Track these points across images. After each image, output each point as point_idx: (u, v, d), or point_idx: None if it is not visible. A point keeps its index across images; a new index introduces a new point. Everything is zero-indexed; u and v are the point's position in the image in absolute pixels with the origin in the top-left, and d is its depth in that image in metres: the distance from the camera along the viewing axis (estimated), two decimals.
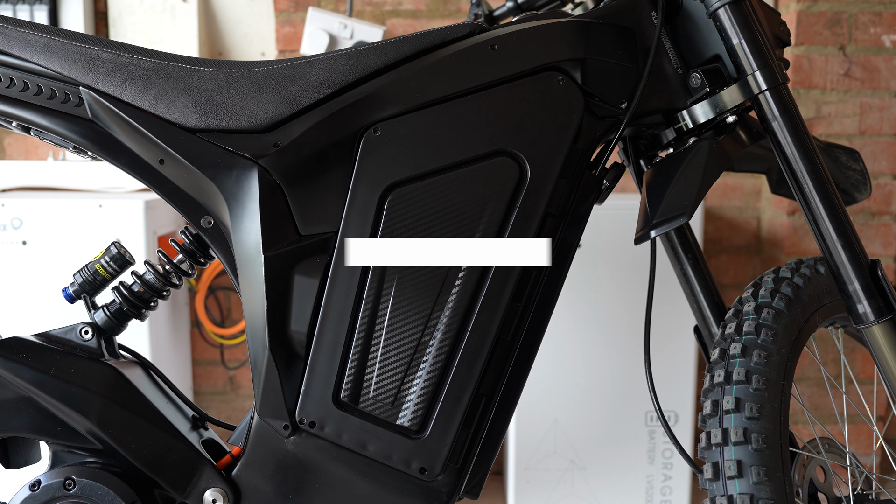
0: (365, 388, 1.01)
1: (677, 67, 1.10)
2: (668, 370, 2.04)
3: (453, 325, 1.02)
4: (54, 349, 1.07)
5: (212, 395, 2.41)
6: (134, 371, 1.11)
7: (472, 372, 1.02)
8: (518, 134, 1.02)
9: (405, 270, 1.01)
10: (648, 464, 2.10)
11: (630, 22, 1.08)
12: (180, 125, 1.03)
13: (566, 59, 1.04)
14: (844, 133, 2.23)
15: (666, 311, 1.95)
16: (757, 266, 2.37)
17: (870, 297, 1.06)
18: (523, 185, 1.03)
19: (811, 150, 1.07)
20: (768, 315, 1.10)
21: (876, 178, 2.25)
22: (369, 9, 2.28)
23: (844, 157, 1.31)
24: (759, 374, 1.05)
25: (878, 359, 1.08)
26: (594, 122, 1.06)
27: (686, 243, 1.27)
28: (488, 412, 1.06)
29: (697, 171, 1.07)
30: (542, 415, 2.07)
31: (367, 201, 1.01)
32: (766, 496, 1.00)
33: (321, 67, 1.03)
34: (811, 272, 1.18)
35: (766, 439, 1.02)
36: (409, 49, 1.05)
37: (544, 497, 2.10)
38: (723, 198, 2.35)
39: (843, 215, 1.07)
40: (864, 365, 2.24)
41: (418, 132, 1.01)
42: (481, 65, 1.02)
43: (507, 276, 1.03)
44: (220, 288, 2.33)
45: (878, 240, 2.27)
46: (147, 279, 1.12)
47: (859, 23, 2.18)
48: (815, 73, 2.20)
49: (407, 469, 1.02)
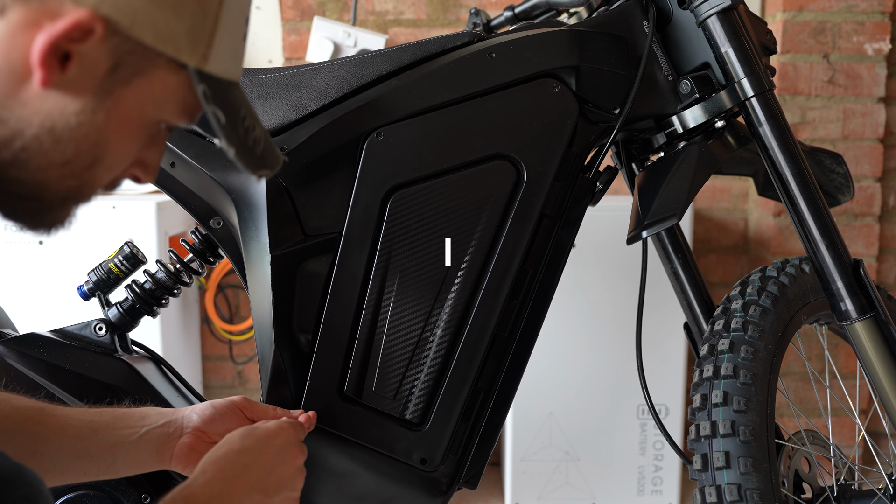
0: (368, 382, 1.01)
1: (668, 74, 1.10)
2: (658, 365, 2.04)
3: (453, 322, 1.02)
4: (69, 344, 1.07)
5: (221, 388, 2.41)
6: (146, 365, 1.11)
7: (470, 367, 1.02)
8: (515, 138, 1.02)
9: (406, 269, 1.01)
10: (640, 455, 2.10)
11: (622, 31, 1.08)
12: (191, 130, 1.03)
13: (561, 66, 1.04)
14: (828, 137, 2.23)
15: (657, 308, 1.94)
16: (744, 265, 2.37)
17: (852, 295, 1.06)
18: (520, 188, 1.03)
19: (796, 154, 1.07)
20: (755, 312, 1.10)
21: (859, 181, 2.25)
22: (372, 18, 2.28)
23: (828, 160, 1.31)
24: (747, 368, 1.05)
25: (861, 354, 1.08)
26: (588, 127, 1.06)
27: (676, 243, 1.26)
28: (486, 405, 1.06)
29: (687, 174, 1.07)
30: (537, 408, 2.07)
31: (370, 203, 1.01)
32: (753, 486, 1.00)
33: (326, 74, 1.03)
34: (796, 271, 1.18)
35: (753, 431, 1.02)
36: (410, 57, 1.04)
37: (540, 487, 2.10)
38: (711, 200, 2.35)
39: (827, 216, 1.07)
40: (847, 360, 2.24)
41: (419, 136, 1.01)
42: (480, 72, 1.02)
43: (505, 275, 1.03)
44: (229, 286, 2.33)
45: (861, 240, 2.27)
46: (159, 278, 1.12)
47: (843, 32, 2.18)
48: (800, 80, 2.20)
49: (408, 460, 1.02)
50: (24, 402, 0.87)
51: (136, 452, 0.89)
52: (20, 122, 0.61)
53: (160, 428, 0.90)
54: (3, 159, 0.61)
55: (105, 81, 0.62)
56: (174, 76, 0.65)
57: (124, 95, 0.63)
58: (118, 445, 0.88)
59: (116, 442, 0.88)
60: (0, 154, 0.61)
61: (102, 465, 0.88)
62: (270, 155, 0.73)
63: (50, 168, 0.63)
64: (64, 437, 0.86)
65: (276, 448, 0.84)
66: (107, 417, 0.90)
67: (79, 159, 0.64)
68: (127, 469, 0.89)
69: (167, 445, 0.90)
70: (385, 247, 1.01)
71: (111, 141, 0.65)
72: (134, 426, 0.89)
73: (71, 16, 0.58)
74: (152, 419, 0.91)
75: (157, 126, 0.69)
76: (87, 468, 0.87)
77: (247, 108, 0.71)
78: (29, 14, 0.58)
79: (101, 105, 0.63)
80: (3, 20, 0.58)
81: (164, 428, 0.90)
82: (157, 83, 0.65)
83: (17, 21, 0.58)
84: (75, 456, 0.86)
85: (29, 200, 0.65)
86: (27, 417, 0.85)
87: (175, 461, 0.90)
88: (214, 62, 0.66)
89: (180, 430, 0.90)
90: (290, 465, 0.85)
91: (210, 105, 0.65)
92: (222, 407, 0.92)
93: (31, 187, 0.64)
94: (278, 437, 0.85)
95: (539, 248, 1.05)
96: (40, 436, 0.85)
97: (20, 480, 0.60)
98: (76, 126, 0.62)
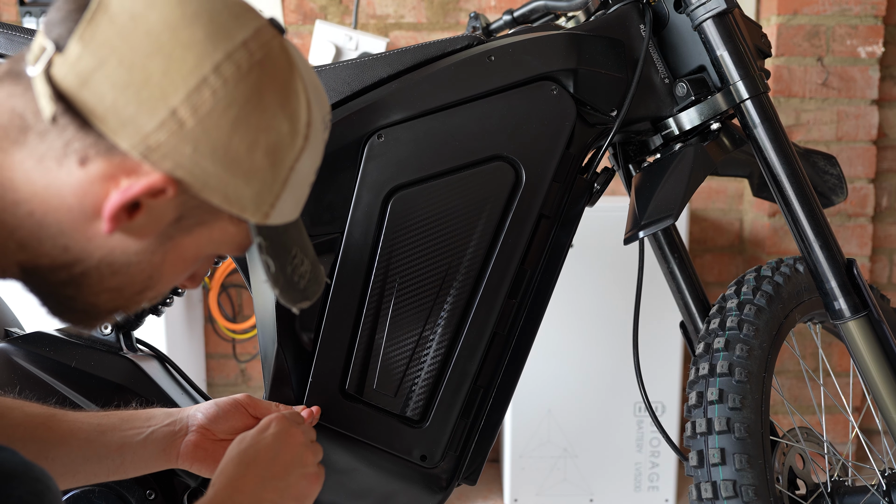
0: (369, 380, 1.01)
1: (664, 77, 1.10)
2: (655, 363, 2.03)
3: (453, 321, 1.02)
4: (76, 343, 1.07)
5: (224, 386, 2.41)
6: (150, 364, 1.11)
7: (470, 365, 1.02)
8: (514, 140, 1.02)
9: (407, 269, 1.01)
10: (637, 452, 2.10)
11: (620, 34, 1.08)
12: None
13: (559, 69, 1.04)
14: (822, 139, 2.23)
15: (653, 307, 1.94)
16: (740, 265, 2.37)
17: (846, 294, 1.06)
18: (519, 189, 1.03)
19: (791, 155, 1.07)
20: (750, 311, 1.10)
21: (852, 182, 2.25)
22: (373, 21, 2.28)
23: (822, 162, 1.31)
24: (742, 367, 1.05)
25: (854, 353, 1.08)
26: (586, 129, 1.06)
27: (672, 243, 1.26)
28: (486, 403, 1.06)
29: (683, 175, 1.07)
30: (536, 406, 2.07)
31: (371, 203, 1.01)
32: (748, 482, 1.00)
33: (328, 77, 1.03)
34: (791, 271, 1.18)
35: (748, 429, 1.02)
36: (410, 60, 1.04)
37: (538, 483, 2.10)
38: (707, 200, 2.35)
39: (820, 217, 1.07)
40: (841, 358, 2.24)
41: (419, 138, 1.01)
42: (479, 75, 1.02)
43: (504, 274, 1.03)
44: (232, 286, 2.33)
45: (854, 240, 2.27)
46: None
47: (836, 35, 2.18)
48: (794, 82, 2.20)
49: (408, 456, 1.02)
50: (36, 409, 0.88)
51: (143, 451, 0.89)
52: (83, 253, 0.64)
53: (166, 427, 0.91)
54: (61, 278, 0.66)
55: (168, 229, 0.65)
56: (234, 227, 0.68)
57: (184, 240, 0.67)
58: (126, 446, 0.88)
59: (124, 442, 0.88)
60: (59, 274, 0.65)
61: (112, 466, 0.88)
62: (313, 285, 0.76)
63: (102, 293, 0.67)
64: (74, 441, 0.87)
65: (271, 437, 0.85)
66: (114, 419, 0.90)
67: (131, 287, 0.68)
68: (136, 469, 0.90)
69: (173, 444, 0.90)
70: (386, 247, 1.01)
71: (165, 274, 0.68)
72: (140, 426, 0.90)
73: (147, 178, 0.61)
74: (158, 419, 0.91)
75: (211, 258, 0.73)
76: (97, 470, 0.88)
77: (299, 243, 0.74)
78: (109, 169, 0.62)
79: (161, 247, 0.66)
80: (84, 169, 0.62)
81: (170, 427, 0.91)
82: (217, 231, 0.68)
83: (97, 173, 0.62)
84: (85, 458, 0.87)
85: (78, 312, 0.70)
86: (38, 424, 0.86)
87: (182, 459, 0.90)
88: (276, 217, 0.68)
89: (186, 428, 0.91)
90: (291, 447, 0.85)
91: (263, 255, 0.68)
92: (226, 405, 0.93)
93: (82, 304, 0.68)
94: (269, 428, 0.86)
95: (537, 248, 1.05)
96: (51, 441, 0.86)
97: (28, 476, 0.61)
98: (135, 263, 0.66)
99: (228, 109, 0.62)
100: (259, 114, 0.64)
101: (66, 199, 0.62)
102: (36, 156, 0.62)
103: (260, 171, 0.65)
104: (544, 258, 1.06)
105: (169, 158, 0.62)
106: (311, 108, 0.68)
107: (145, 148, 0.61)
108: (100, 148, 0.61)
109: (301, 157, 0.68)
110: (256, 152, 0.64)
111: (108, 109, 0.61)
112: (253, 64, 0.63)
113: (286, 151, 0.66)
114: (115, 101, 0.60)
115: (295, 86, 0.66)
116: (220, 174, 0.63)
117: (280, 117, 0.65)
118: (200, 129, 0.62)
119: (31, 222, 0.63)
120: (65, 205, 0.62)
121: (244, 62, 0.63)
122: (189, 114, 0.61)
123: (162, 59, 0.61)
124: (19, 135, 0.62)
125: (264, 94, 0.64)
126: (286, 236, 0.71)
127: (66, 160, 0.62)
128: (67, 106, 0.61)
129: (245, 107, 0.63)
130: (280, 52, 0.66)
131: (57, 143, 0.61)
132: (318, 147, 0.70)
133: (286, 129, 0.65)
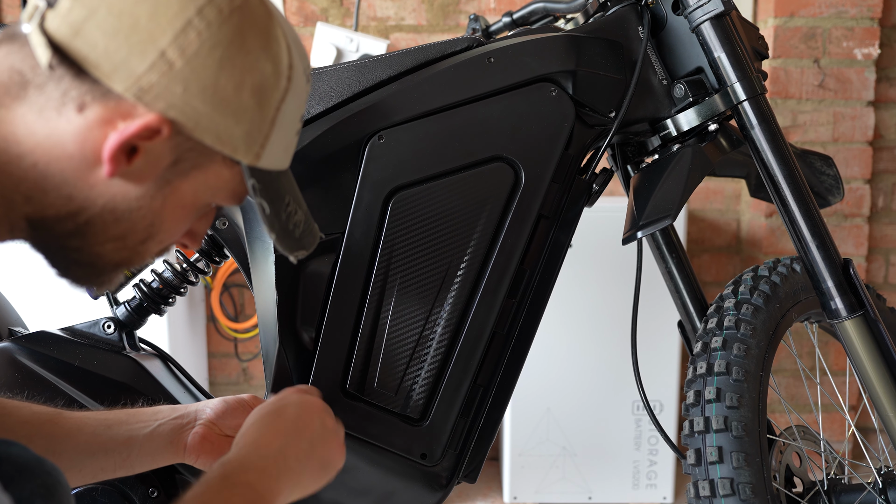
0: (370, 379, 1.01)
1: (662, 79, 1.10)
2: (653, 362, 2.03)
3: (452, 320, 1.02)
4: (79, 342, 1.07)
5: (226, 385, 2.41)
6: (153, 363, 1.11)
7: (470, 364, 1.02)
8: (513, 141, 1.02)
9: (407, 269, 1.01)
10: (635, 450, 2.10)
11: (618, 36, 1.08)
12: None
13: (558, 71, 1.04)
14: (819, 140, 2.23)
15: (651, 307, 1.94)
16: (737, 265, 2.37)
17: (842, 294, 1.06)
18: (518, 189, 1.03)
19: (788, 156, 1.07)
20: (747, 311, 1.10)
21: (848, 183, 2.25)
22: (374, 23, 2.28)
23: (819, 162, 1.31)
24: (739, 365, 1.05)
25: (850, 351, 1.08)
26: (584, 130, 1.06)
27: (670, 243, 1.26)
28: (485, 401, 1.06)
29: (681, 175, 1.07)
30: (535, 404, 2.07)
31: (371, 204, 1.01)
32: (745, 480, 1.00)
33: (329, 78, 1.03)
34: (787, 270, 1.18)
35: (746, 427, 1.02)
36: (411, 61, 1.05)
37: (537, 481, 2.10)
38: (705, 201, 2.35)
39: (817, 217, 1.07)
40: (837, 357, 2.24)
41: (420, 139, 1.01)
42: (479, 76, 1.02)
43: (503, 274, 1.03)
44: (234, 285, 2.33)
45: (851, 240, 2.27)
46: (166, 277, 1.12)
47: (833, 37, 2.18)
48: (791, 84, 2.20)
49: (409, 454, 1.02)
50: (42, 408, 0.89)
51: (150, 445, 0.89)
52: (87, 201, 0.66)
53: (174, 420, 0.91)
54: (67, 229, 0.68)
55: (165, 172, 0.68)
56: (228, 170, 0.70)
57: (181, 185, 0.69)
58: (132, 439, 0.89)
59: (130, 436, 0.89)
60: (65, 225, 0.67)
61: (118, 460, 0.88)
62: (308, 235, 0.79)
63: (106, 241, 0.69)
64: (80, 436, 0.87)
65: (291, 402, 0.85)
66: (120, 415, 0.91)
67: (134, 235, 0.70)
68: (142, 463, 0.90)
69: (181, 436, 0.91)
70: (386, 247, 1.01)
71: (165, 221, 0.70)
72: (147, 420, 0.91)
73: (142, 119, 0.64)
74: (165, 413, 0.92)
75: (208, 207, 0.75)
76: (104, 464, 0.88)
77: (292, 193, 0.76)
78: (105, 112, 0.64)
79: (160, 192, 0.68)
80: (82, 115, 0.64)
81: (178, 420, 0.92)
82: (211, 175, 0.70)
83: (95, 118, 0.64)
84: (91, 453, 0.87)
85: (84, 266, 0.71)
86: (45, 420, 0.87)
87: (189, 452, 0.91)
88: (266, 159, 0.71)
89: (193, 421, 0.92)
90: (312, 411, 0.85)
91: (257, 197, 0.70)
92: (234, 402, 0.95)
93: (88, 255, 0.70)
94: (290, 397, 0.87)
95: (537, 248, 1.05)
96: (58, 436, 0.86)
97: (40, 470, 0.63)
98: (136, 209, 0.68)
99: (214, 50, 0.65)
100: (243, 55, 0.66)
101: (68, 148, 0.64)
102: (36, 108, 0.64)
103: (248, 110, 0.67)
104: (543, 258, 1.06)
105: (161, 99, 0.64)
106: (292, 52, 0.71)
107: (138, 90, 0.64)
108: (96, 94, 0.64)
109: (286, 98, 0.70)
110: (243, 91, 0.67)
111: (101, 55, 0.63)
112: (234, 8, 0.66)
113: (271, 91, 0.69)
114: (107, 47, 0.63)
115: (275, 31, 0.69)
116: (210, 113, 0.66)
117: (263, 59, 0.68)
118: (189, 70, 0.64)
119: (35, 174, 0.65)
120: (66, 153, 0.64)
121: (225, 6, 0.66)
122: (177, 55, 0.64)
123: (148, 5, 0.64)
124: (20, 90, 0.64)
125: (246, 36, 0.67)
126: (279, 183, 0.74)
127: (65, 108, 0.64)
128: (62, 56, 0.63)
129: (229, 48, 0.66)
130: (257, 1, 0.69)
131: (55, 93, 0.64)
132: (301, 93, 0.73)
133: (269, 69, 0.68)
